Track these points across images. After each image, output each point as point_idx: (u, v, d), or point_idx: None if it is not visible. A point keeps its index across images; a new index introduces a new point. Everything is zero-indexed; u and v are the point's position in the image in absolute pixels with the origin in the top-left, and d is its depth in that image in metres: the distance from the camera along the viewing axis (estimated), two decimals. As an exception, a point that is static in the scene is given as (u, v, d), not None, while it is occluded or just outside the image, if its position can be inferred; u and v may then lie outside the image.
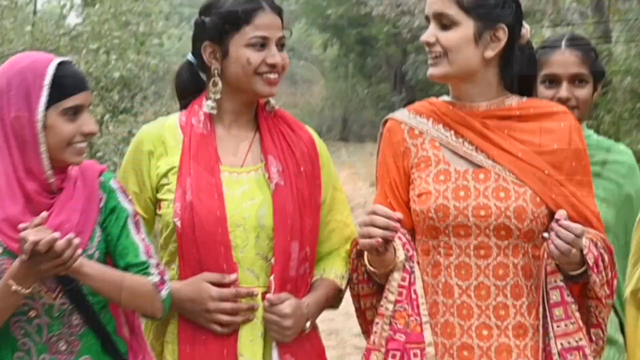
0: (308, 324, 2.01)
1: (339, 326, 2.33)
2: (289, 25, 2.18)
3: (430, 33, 1.90)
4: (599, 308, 1.95)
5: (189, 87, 2.14)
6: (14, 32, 6.21)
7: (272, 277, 1.98)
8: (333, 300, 2.11)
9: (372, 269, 1.92)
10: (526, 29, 1.98)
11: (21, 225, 1.69)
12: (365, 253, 1.92)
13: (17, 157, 1.85)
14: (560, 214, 1.78)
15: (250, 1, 2.05)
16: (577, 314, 1.87)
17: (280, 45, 2.06)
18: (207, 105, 2.05)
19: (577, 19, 8.33)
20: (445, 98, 2.03)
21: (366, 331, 2.05)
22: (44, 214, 1.75)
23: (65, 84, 1.86)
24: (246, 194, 2.04)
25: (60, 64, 1.86)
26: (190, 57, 2.12)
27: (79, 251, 1.73)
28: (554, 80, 2.41)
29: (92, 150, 6.03)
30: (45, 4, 9.92)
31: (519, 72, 2.00)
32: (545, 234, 1.81)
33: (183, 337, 2.04)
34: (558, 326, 1.88)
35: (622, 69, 5.57)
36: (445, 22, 1.90)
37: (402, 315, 1.90)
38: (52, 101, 1.84)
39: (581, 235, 1.77)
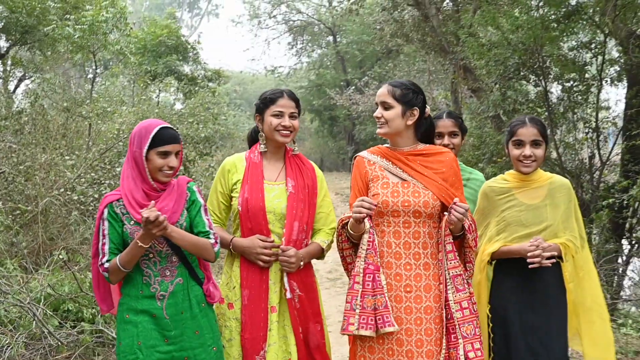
0: (302, 263, 2.77)
1: (319, 267, 2.93)
2: (302, 107, 2.97)
3: (378, 111, 2.68)
4: (470, 253, 2.66)
5: (253, 138, 2.99)
6: (148, 113, 8.67)
7: (283, 239, 2.75)
8: (318, 254, 2.87)
9: (352, 232, 2.63)
10: (428, 108, 2.75)
11: (142, 210, 2.42)
12: (348, 224, 2.61)
13: (137, 172, 2.56)
14: (455, 199, 2.49)
15: (277, 92, 2.88)
16: (458, 257, 2.59)
17: (292, 116, 2.83)
18: (260, 147, 2.89)
19: (444, 107, 12.08)
20: (386, 145, 2.76)
21: (346, 268, 2.80)
22: (152, 202, 2.45)
23: (162, 138, 2.52)
24: (275, 196, 2.80)
25: (162, 127, 2.54)
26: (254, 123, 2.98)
27: (167, 222, 2.41)
28: (441, 135, 3.17)
29: (189, 174, 8.39)
30: (163, 97, 13.86)
31: (424, 131, 2.75)
32: (446, 213, 2.51)
33: (242, 268, 2.78)
34: (450, 262, 2.55)
35: (468, 133, 8.41)
36: (385, 106, 2.65)
37: (371, 256, 2.56)
38: (152, 146, 2.50)
39: (467, 210, 2.48)
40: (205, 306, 2.66)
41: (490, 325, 2.80)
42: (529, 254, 2.66)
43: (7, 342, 3.94)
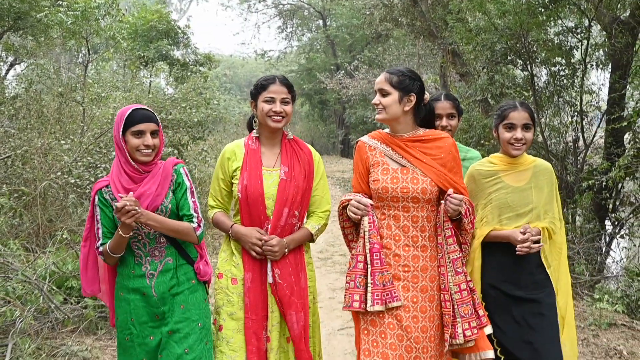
0: (286, 250, 2.82)
1: (310, 247, 2.87)
2: (296, 93, 2.99)
3: (376, 98, 2.72)
4: (466, 235, 2.73)
5: (251, 124, 3.01)
6: (142, 97, 8.85)
7: (268, 225, 2.82)
8: (307, 239, 2.91)
9: (351, 215, 2.70)
10: (427, 95, 2.77)
11: (120, 195, 2.48)
12: (348, 208, 2.72)
13: (121, 155, 2.63)
14: (450, 190, 2.56)
15: (269, 78, 2.90)
16: (456, 241, 2.67)
17: (284, 102, 2.84)
18: (254, 132, 2.94)
19: (434, 91, 11.90)
20: (386, 131, 2.79)
21: (348, 245, 2.88)
22: (131, 193, 2.50)
23: (134, 118, 2.59)
24: (273, 182, 2.84)
25: (135, 109, 2.61)
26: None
27: (137, 211, 2.47)
28: (439, 116, 3.20)
29: (182, 157, 8.50)
30: (155, 83, 14.24)
31: (423, 116, 2.77)
32: (442, 201, 2.61)
33: (244, 250, 2.84)
34: (450, 247, 2.64)
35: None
36: (383, 93, 2.69)
37: (374, 236, 2.63)
38: (127, 127, 2.58)
39: (462, 200, 2.57)
40: (195, 283, 2.73)
41: (483, 303, 2.82)
42: (518, 246, 2.71)
43: (18, 315, 4.12)
